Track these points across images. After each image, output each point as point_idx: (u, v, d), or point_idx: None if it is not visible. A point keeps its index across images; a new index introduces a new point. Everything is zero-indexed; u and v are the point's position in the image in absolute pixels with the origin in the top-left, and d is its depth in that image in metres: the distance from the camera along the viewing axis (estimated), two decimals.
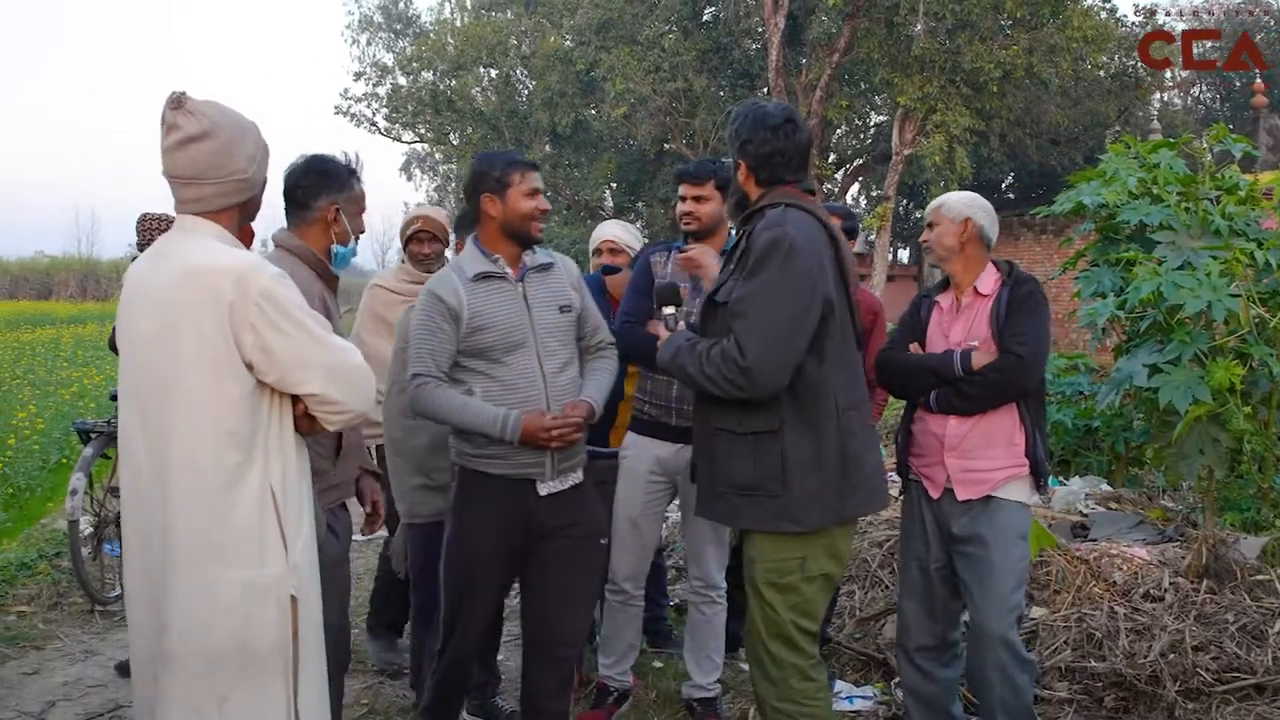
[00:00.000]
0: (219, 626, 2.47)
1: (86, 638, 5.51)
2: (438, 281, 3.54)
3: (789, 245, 3.07)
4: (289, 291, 2.53)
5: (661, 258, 4.29)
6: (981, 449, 3.61)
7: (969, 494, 3.62)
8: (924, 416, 3.75)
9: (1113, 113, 24.56)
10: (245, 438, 2.49)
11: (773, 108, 3.32)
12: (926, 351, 3.77)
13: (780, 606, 3.22)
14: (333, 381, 2.56)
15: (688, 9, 26.23)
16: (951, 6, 20.04)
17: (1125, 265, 5.42)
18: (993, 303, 3.65)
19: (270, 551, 2.52)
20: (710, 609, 4.39)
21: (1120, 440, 6.21)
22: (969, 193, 3.89)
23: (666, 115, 25.50)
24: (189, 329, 2.46)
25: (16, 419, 10.70)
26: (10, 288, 44.23)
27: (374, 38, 35.76)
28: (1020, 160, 28.14)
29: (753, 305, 3.08)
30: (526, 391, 3.48)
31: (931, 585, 3.77)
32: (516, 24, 31.34)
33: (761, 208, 3.24)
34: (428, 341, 3.47)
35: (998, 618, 3.56)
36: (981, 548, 3.58)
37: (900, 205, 32.03)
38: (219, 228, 2.59)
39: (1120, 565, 4.65)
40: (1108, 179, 5.73)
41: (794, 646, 3.24)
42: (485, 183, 3.54)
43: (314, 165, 3.39)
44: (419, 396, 3.45)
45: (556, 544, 3.57)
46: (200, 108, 2.55)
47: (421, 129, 32.62)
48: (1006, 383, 3.55)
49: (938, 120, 20.86)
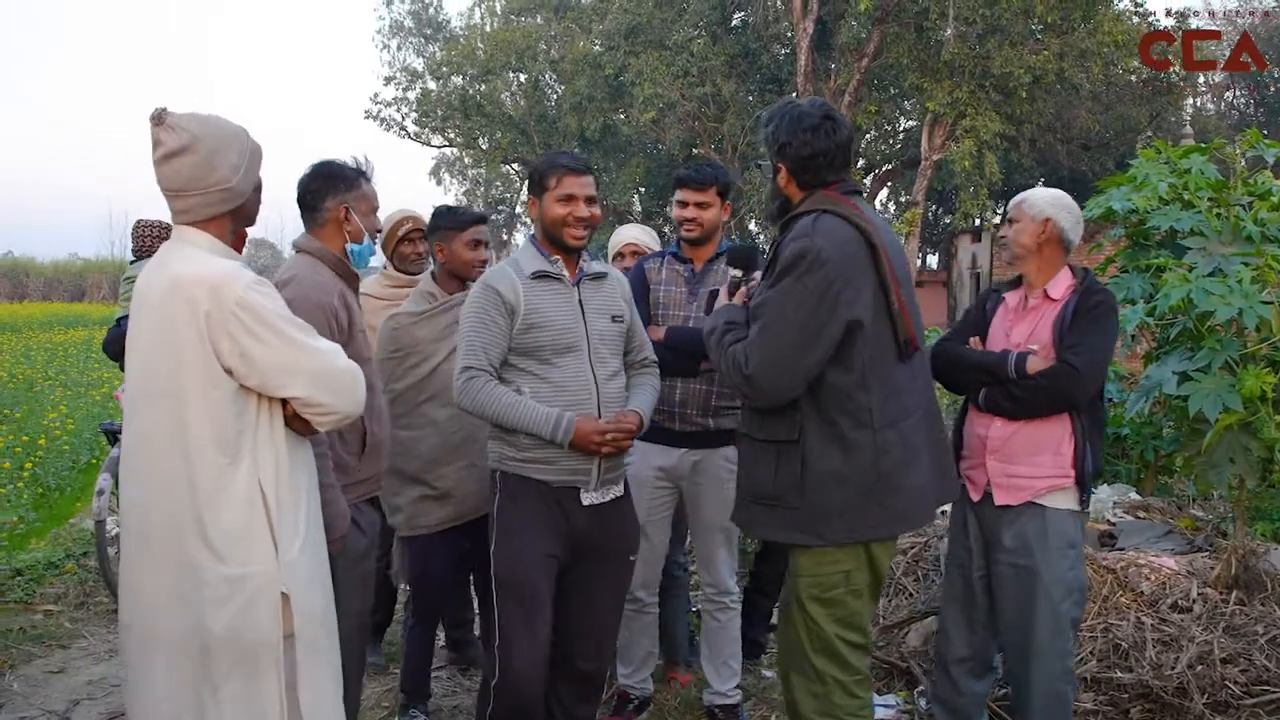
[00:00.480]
0: (210, 618, 2.55)
1: (111, 637, 5.54)
2: (495, 275, 3.48)
3: (813, 257, 2.98)
4: (266, 299, 2.60)
5: (656, 264, 4.28)
6: (1025, 455, 3.55)
7: (1006, 499, 3.57)
8: (973, 416, 3.71)
9: (1144, 118, 24.34)
10: (230, 440, 2.57)
11: (809, 106, 3.19)
12: (986, 348, 3.72)
13: (825, 620, 3.16)
14: (316, 385, 2.64)
15: (717, 14, 26.20)
16: (981, 11, 19.95)
17: (1155, 271, 5.35)
18: (1060, 308, 3.58)
19: (259, 549, 2.59)
20: (724, 615, 4.37)
21: (1149, 448, 6.13)
22: (1056, 190, 3.77)
23: (695, 120, 25.48)
24: (173, 337, 2.56)
25: (47, 419, 10.80)
26: (44, 289, 44.77)
27: (404, 43, 35.90)
28: (1051, 166, 27.93)
29: (765, 316, 3.05)
30: (578, 395, 3.43)
31: (973, 594, 3.73)
32: (546, 29, 31.41)
33: (800, 214, 3.14)
34: (480, 334, 3.40)
35: (1047, 632, 3.51)
36: (1027, 558, 3.53)
37: (929, 211, 31.90)
38: (209, 237, 2.68)
39: (1148, 575, 4.59)
40: (1138, 184, 5.67)
41: (840, 661, 3.17)
42: (531, 183, 3.57)
43: (320, 169, 3.47)
44: (468, 390, 3.36)
45: (593, 557, 3.52)
46: (180, 122, 2.63)
47: (451, 133, 32.72)
48: (1056, 391, 3.48)
49: (967, 125, 20.76)
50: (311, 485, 2.81)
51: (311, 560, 2.72)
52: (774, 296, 3.04)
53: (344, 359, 2.75)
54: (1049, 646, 3.54)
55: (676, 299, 4.24)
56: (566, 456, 3.38)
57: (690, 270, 4.27)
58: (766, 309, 3.05)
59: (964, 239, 29.79)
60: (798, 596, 3.20)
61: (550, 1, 31.80)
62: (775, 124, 3.20)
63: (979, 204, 21.98)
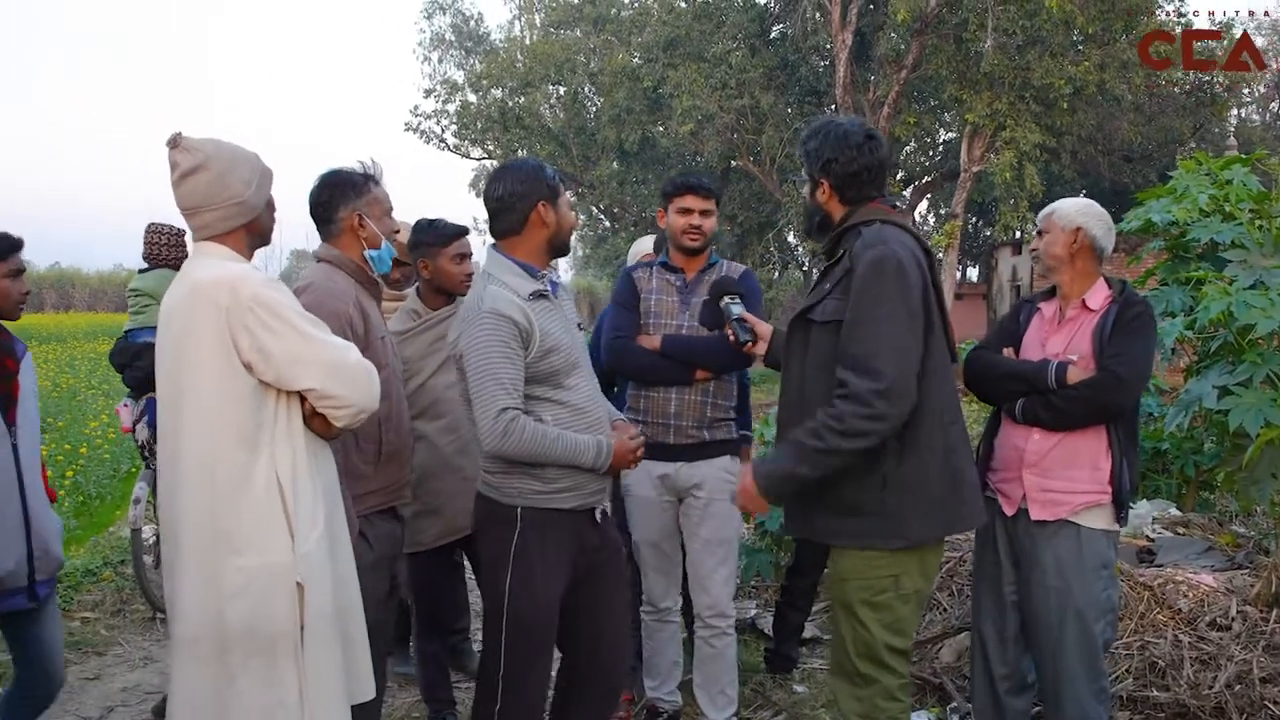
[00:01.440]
0: (228, 611, 2.64)
1: (147, 644, 5.59)
2: (498, 301, 3.18)
3: (897, 261, 3.02)
4: (280, 295, 2.73)
5: (645, 273, 4.22)
6: (1063, 469, 3.50)
7: (1043, 514, 3.51)
8: (1007, 428, 3.65)
9: (1188, 129, 24.08)
10: (250, 435, 2.68)
11: (851, 125, 3.26)
12: (1020, 357, 3.67)
13: (873, 625, 3.16)
14: (330, 376, 2.74)
15: (755, 26, 26.18)
16: (1021, 23, 19.80)
17: (1195, 284, 5.29)
18: (1098, 319, 3.53)
19: (277, 540, 2.68)
20: (720, 641, 4.25)
21: (1190, 463, 6.05)
22: (1086, 200, 3.76)
23: (733, 132, 25.45)
24: (195, 338, 2.67)
25: (89, 428, 10.95)
26: (90, 300, 45.37)
27: (445, 55, 36.18)
28: (1092, 178, 27.68)
29: (874, 325, 2.99)
30: (594, 414, 3.36)
31: (1005, 611, 3.68)
32: (585, 41, 31.51)
33: (854, 225, 3.19)
34: (506, 369, 3.14)
35: (1078, 653, 3.46)
36: (1060, 579, 3.48)
37: (969, 223, 31.72)
38: (226, 249, 2.82)
39: (1186, 592, 4.52)
40: (1178, 196, 5.61)
41: (884, 665, 3.18)
42: (539, 190, 3.30)
43: (327, 179, 3.50)
44: (512, 432, 3.10)
45: (601, 566, 3.48)
46: (194, 144, 2.78)
47: (490, 145, 32.88)
48: (1099, 401, 3.42)
49: (1007, 137, 20.59)
50: (331, 485, 2.89)
51: (327, 556, 2.78)
52: (872, 306, 3.00)
53: (356, 355, 2.84)
54: (1081, 668, 3.49)
55: (668, 308, 4.15)
56: (592, 480, 3.32)
57: (682, 280, 4.19)
58: (872, 320, 2.99)
59: (1004, 251, 29.58)
60: (845, 601, 3.21)
61: (589, 14, 31.90)
62: (819, 141, 3.24)
63: (1019, 216, 21.77)
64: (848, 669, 3.23)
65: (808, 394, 3.18)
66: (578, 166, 30.55)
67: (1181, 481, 6.22)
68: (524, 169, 3.36)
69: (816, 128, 3.29)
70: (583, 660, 3.52)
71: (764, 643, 5.39)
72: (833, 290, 3.14)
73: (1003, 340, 3.77)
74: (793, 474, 3.09)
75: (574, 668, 3.56)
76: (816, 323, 3.16)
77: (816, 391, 3.13)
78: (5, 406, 3.44)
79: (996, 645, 3.72)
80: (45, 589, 3.57)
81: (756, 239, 28.92)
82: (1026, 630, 3.65)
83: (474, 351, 3.16)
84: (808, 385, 3.19)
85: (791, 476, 3.10)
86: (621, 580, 3.59)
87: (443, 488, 4.13)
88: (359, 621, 2.97)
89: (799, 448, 3.06)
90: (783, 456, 3.13)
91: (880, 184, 3.26)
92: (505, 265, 3.32)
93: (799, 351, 3.24)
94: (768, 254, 29.43)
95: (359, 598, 2.97)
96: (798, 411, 3.19)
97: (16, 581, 3.44)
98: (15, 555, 3.41)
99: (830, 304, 3.13)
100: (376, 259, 3.48)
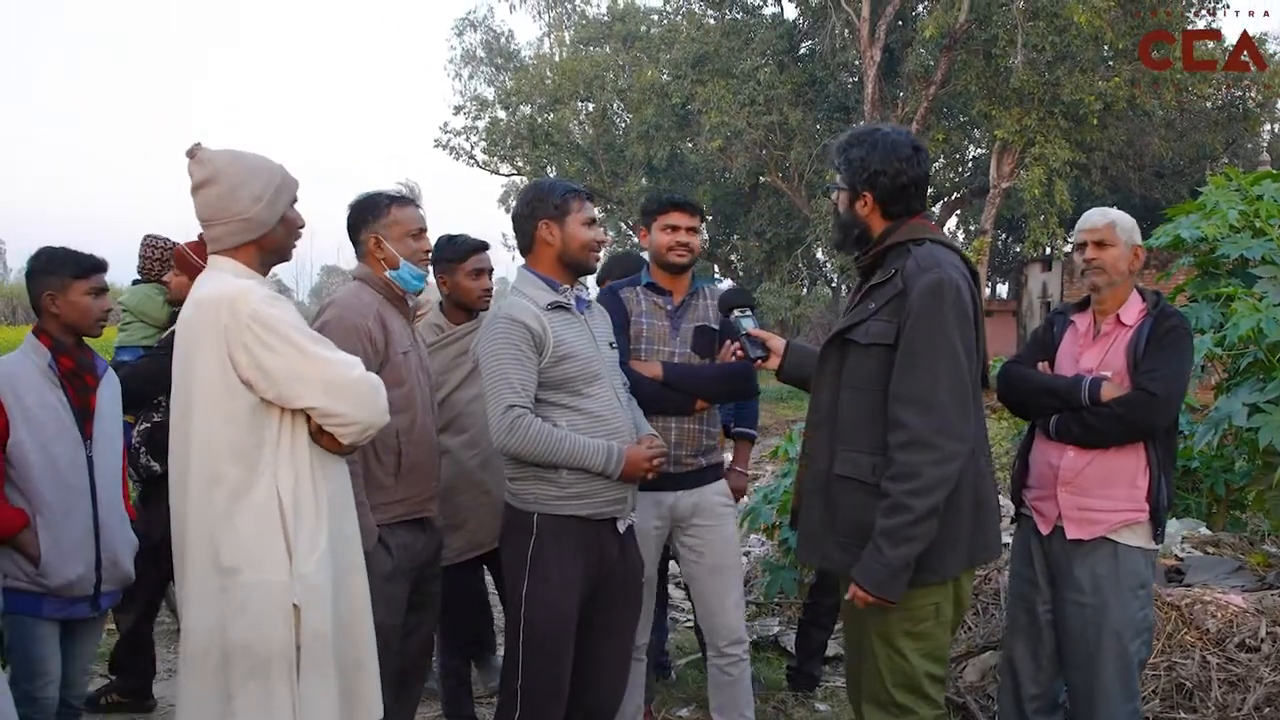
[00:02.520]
0: (227, 628, 2.65)
1: (173, 658, 5.59)
2: (517, 309, 3.31)
3: (955, 288, 2.89)
4: (278, 312, 2.70)
5: (632, 294, 4.10)
6: (1099, 487, 3.43)
7: (1079, 533, 3.45)
8: (1041, 445, 3.59)
9: (1220, 144, 23.96)
10: (249, 452, 2.67)
11: (898, 134, 3.09)
12: (1054, 372, 3.61)
13: (912, 655, 3.04)
14: (330, 394, 2.71)
15: (784, 42, 26.25)
16: (1051, 38, 19.76)
17: (1225, 301, 5.24)
18: (1133, 334, 3.48)
19: (274, 560, 2.66)
20: (737, 669, 4.15)
21: (1220, 482, 5.97)
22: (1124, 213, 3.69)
23: (762, 148, 25.50)
24: (197, 354, 2.68)
25: None
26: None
27: (476, 72, 36.41)
28: (1123, 193, 27.52)
29: (932, 356, 2.87)
30: (613, 423, 3.37)
31: (1039, 629, 3.61)
32: (614, 58, 31.67)
33: (902, 243, 3.03)
34: (516, 371, 3.24)
35: (1114, 673, 3.41)
36: (1097, 597, 3.42)
37: (998, 239, 31.57)
38: (237, 264, 2.81)
39: (1214, 612, 4.46)
40: (1207, 211, 5.56)
41: (924, 695, 3.07)
42: (543, 209, 3.41)
43: (355, 204, 3.63)
44: (517, 428, 3.19)
45: (618, 585, 3.47)
46: (208, 156, 2.79)
47: (519, 162, 33.08)
48: (1134, 419, 3.36)
49: (1036, 153, 20.55)
50: (340, 504, 2.86)
51: (328, 578, 2.75)
52: (933, 336, 2.88)
53: (359, 370, 2.80)
54: (1116, 689, 3.44)
55: (659, 333, 4.05)
56: (608, 488, 3.32)
57: (670, 303, 4.09)
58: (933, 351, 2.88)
59: (1034, 268, 29.46)
60: (884, 632, 3.07)
61: (619, 31, 32.08)
62: (865, 150, 3.06)
63: (1049, 232, 21.70)
64: (883, 699, 3.10)
65: (840, 417, 3.06)
66: (606, 183, 30.67)
67: (1211, 500, 6.15)
68: (532, 189, 3.50)
69: (860, 135, 3.13)
70: (581, 676, 3.46)
71: (786, 660, 5.36)
72: (879, 311, 2.98)
73: (1036, 353, 3.70)
74: (899, 560, 2.89)
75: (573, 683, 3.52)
76: (857, 344, 3.02)
77: (847, 415, 3.03)
78: (83, 420, 3.58)
79: (1028, 664, 3.65)
80: (108, 600, 3.70)
81: (785, 255, 28.92)
82: (1061, 649, 3.59)
83: (487, 354, 3.30)
84: (842, 408, 3.06)
85: (900, 564, 2.89)
86: (634, 600, 3.57)
87: (465, 502, 4.13)
88: (367, 642, 2.94)
89: (889, 536, 2.87)
90: (878, 554, 2.90)
91: (924, 199, 3.12)
92: (528, 279, 3.45)
93: (832, 372, 3.10)
94: (796, 270, 29.43)
95: (368, 617, 2.95)
96: (826, 433, 3.09)
97: (83, 589, 3.54)
98: (84, 561, 3.52)
99: (876, 326, 2.98)
100: (398, 279, 3.56)
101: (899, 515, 2.85)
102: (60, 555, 3.45)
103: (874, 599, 2.92)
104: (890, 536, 2.86)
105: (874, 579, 2.89)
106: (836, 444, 3.04)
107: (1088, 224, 3.63)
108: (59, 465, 3.48)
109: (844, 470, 3.03)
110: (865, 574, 2.91)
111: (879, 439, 2.95)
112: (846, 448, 3.03)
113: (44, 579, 3.43)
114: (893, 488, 2.86)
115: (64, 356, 3.59)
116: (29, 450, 3.42)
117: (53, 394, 3.52)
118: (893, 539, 2.86)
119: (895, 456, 2.87)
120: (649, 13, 33.14)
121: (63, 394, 3.54)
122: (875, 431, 2.97)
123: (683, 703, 4.98)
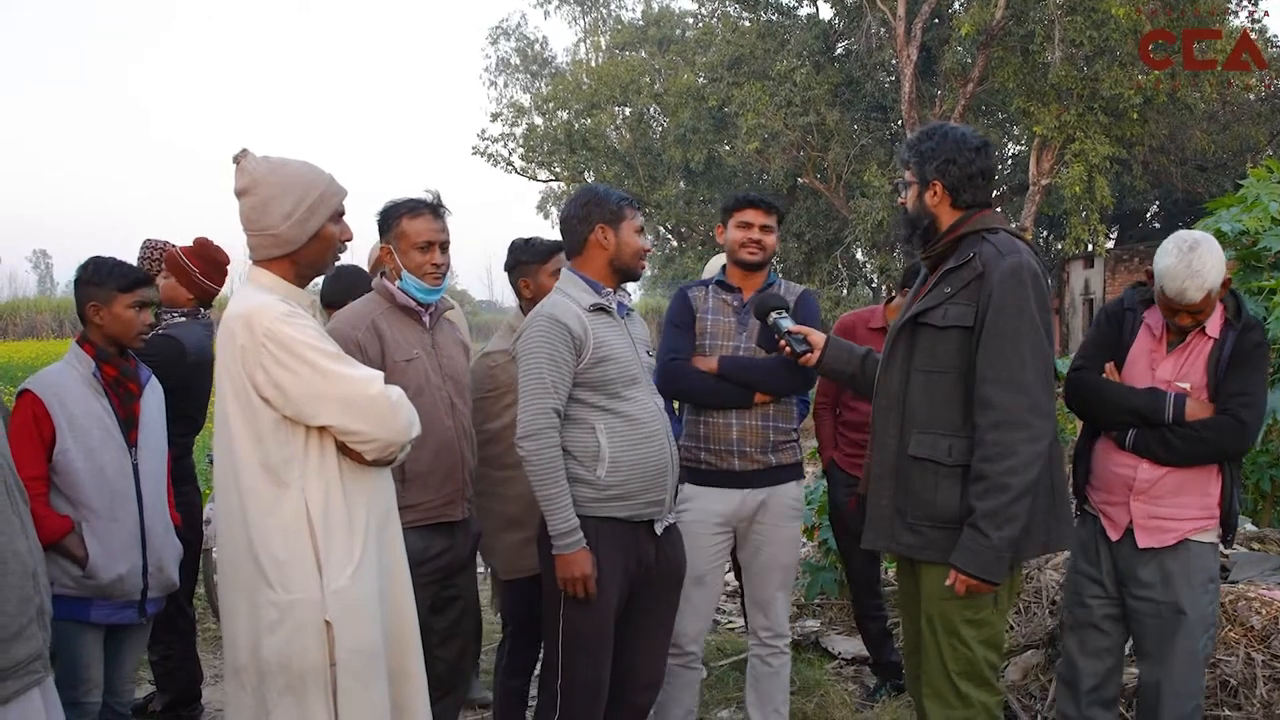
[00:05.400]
0: (264, 644, 2.65)
1: (219, 663, 5.67)
2: (557, 308, 3.36)
3: (1034, 272, 2.99)
4: (294, 330, 2.67)
5: (701, 292, 4.15)
6: (1172, 496, 3.40)
7: (1151, 542, 3.42)
8: (1110, 451, 3.53)
9: (1263, 137, 23.54)
10: (276, 468, 2.67)
11: (966, 130, 3.22)
12: (1123, 377, 3.52)
13: (974, 643, 3.09)
14: (347, 412, 2.69)
15: (819, 43, 26.13)
16: (1089, 33, 19.52)
17: (1267, 295, 5.19)
18: (1213, 346, 3.40)
19: (304, 577, 2.66)
20: (777, 660, 4.19)
21: (1266, 477, 5.91)
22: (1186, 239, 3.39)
23: (799, 150, 25.39)
24: (224, 372, 2.70)
25: None
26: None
27: (511, 79, 36.59)
28: (1165, 188, 27.18)
29: (1016, 338, 2.95)
30: (652, 426, 3.40)
31: (1099, 624, 3.59)
32: (650, 62, 31.72)
33: (978, 231, 3.12)
34: (551, 373, 3.27)
35: (1183, 669, 3.39)
36: (1169, 594, 3.40)
37: (1039, 236, 31.27)
38: (271, 276, 2.80)
39: (1259, 609, 4.41)
40: (1249, 205, 5.51)
41: (985, 683, 3.12)
42: (600, 213, 3.47)
43: (378, 213, 3.70)
44: (541, 438, 3.24)
45: (656, 586, 3.50)
46: (250, 165, 2.76)
47: (557, 168, 33.16)
48: (1223, 445, 3.32)
49: (1076, 149, 20.30)
50: (380, 515, 2.85)
51: (370, 588, 2.75)
52: (1016, 320, 2.96)
53: (377, 386, 2.77)
54: (1184, 685, 3.41)
55: (725, 329, 4.07)
56: (644, 491, 3.36)
57: (739, 300, 4.11)
58: (1018, 334, 2.95)
59: (1076, 265, 29.13)
60: (945, 619, 3.11)
61: (654, 36, 32.12)
62: (935, 143, 3.18)
63: (1090, 228, 21.46)
64: (944, 690, 3.13)
65: (910, 400, 3.12)
66: (644, 187, 30.67)
67: (1257, 496, 6.09)
68: (588, 193, 3.53)
69: (929, 130, 3.24)
70: (616, 675, 3.48)
71: (826, 660, 5.35)
72: (955, 295, 3.06)
73: (1103, 354, 3.60)
74: (1004, 541, 2.93)
75: None
76: (932, 327, 3.09)
77: (918, 398, 3.10)
78: (128, 428, 3.65)
79: (1088, 658, 3.62)
80: (154, 607, 3.75)
81: (824, 256, 28.78)
82: (1136, 645, 3.57)
83: (525, 351, 3.33)
84: (912, 391, 3.13)
85: (1005, 545, 2.93)
86: (670, 605, 3.60)
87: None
88: (413, 652, 2.95)
89: (991, 518, 2.91)
90: (981, 537, 2.94)
91: (990, 193, 3.20)
92: (572, 280, 3.50)
93: (902, 355, 3.17)
94: (835, 271, 29.26)
95: (413, 625, 2.96)
96: (896, 417, 3.15)
97: (130, 592, 3.59)
98: (129, 562, 3.57)
99: (954, 309, 3.06)
100: (405, 288, 3.62)
101: (999, 495, 2.90)
102: (108, 557, 3.50)
103: (976, 583, 2.97)
104: (992, 518, 2.91)
105: (979, 562, 2.94)
106: (908, 426, 3.09)
107: (1183, 298, 3.33)
108: (106, 473, 3.53)
109: (918, 452, 3.09)
110: (969, 559, 2.96)
111: (956, 420, 3.04)
112: (921, 430, 3.08)
113: (92, 579, 3.48)
114: (989, 468, 2.91)
115: (108, 365, 3.65)
116: (75, 458, 3.47)
117: (97, 402, 3.58)
118: (995, 520, 2.91)
119: (987, 437, 2.93)
120: (684, 16, 33.21)
121: (107, 402, 3.61)
122: (952, 413, 3.05)
123: (723, 704, 4.99)
